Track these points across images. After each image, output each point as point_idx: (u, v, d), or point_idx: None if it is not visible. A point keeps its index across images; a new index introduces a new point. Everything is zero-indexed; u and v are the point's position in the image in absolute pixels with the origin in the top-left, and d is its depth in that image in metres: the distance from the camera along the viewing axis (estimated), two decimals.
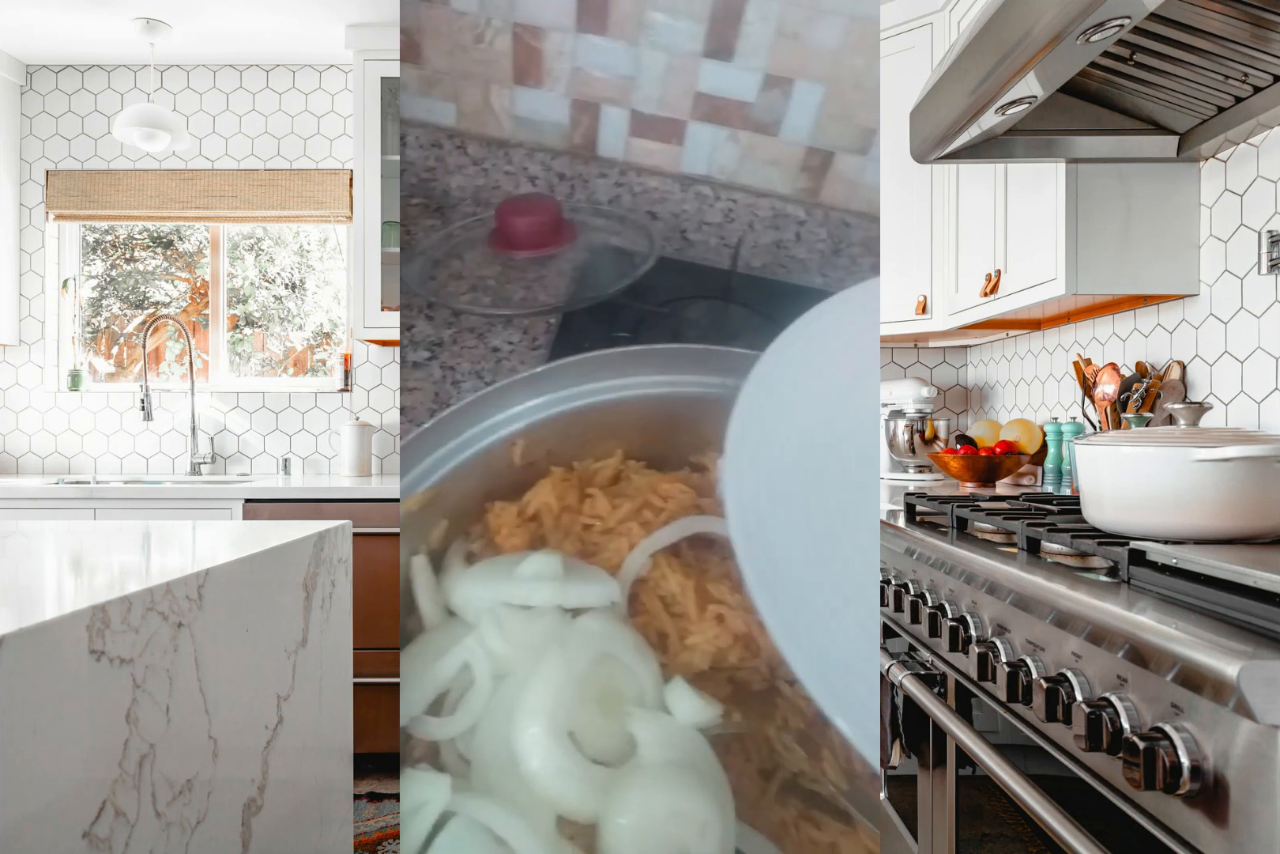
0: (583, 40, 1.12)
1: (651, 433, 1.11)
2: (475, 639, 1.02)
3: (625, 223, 1.16)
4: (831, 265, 1.15)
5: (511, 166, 1.17)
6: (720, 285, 1.15)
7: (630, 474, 1.10)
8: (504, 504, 1.09)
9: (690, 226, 1.17)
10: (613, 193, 1.16)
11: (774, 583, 0.97)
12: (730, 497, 1.01)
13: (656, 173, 1.16)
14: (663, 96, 1.14)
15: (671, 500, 1.07)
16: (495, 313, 1.14)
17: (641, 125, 1.15)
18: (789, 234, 1.16)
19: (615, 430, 1.11)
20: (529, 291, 1.15)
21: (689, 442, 1.10)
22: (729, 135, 1.14)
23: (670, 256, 1.15)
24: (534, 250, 1.15)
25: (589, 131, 1.16)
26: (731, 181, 1.17)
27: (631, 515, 1.06)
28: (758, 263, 1.16)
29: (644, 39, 1.10)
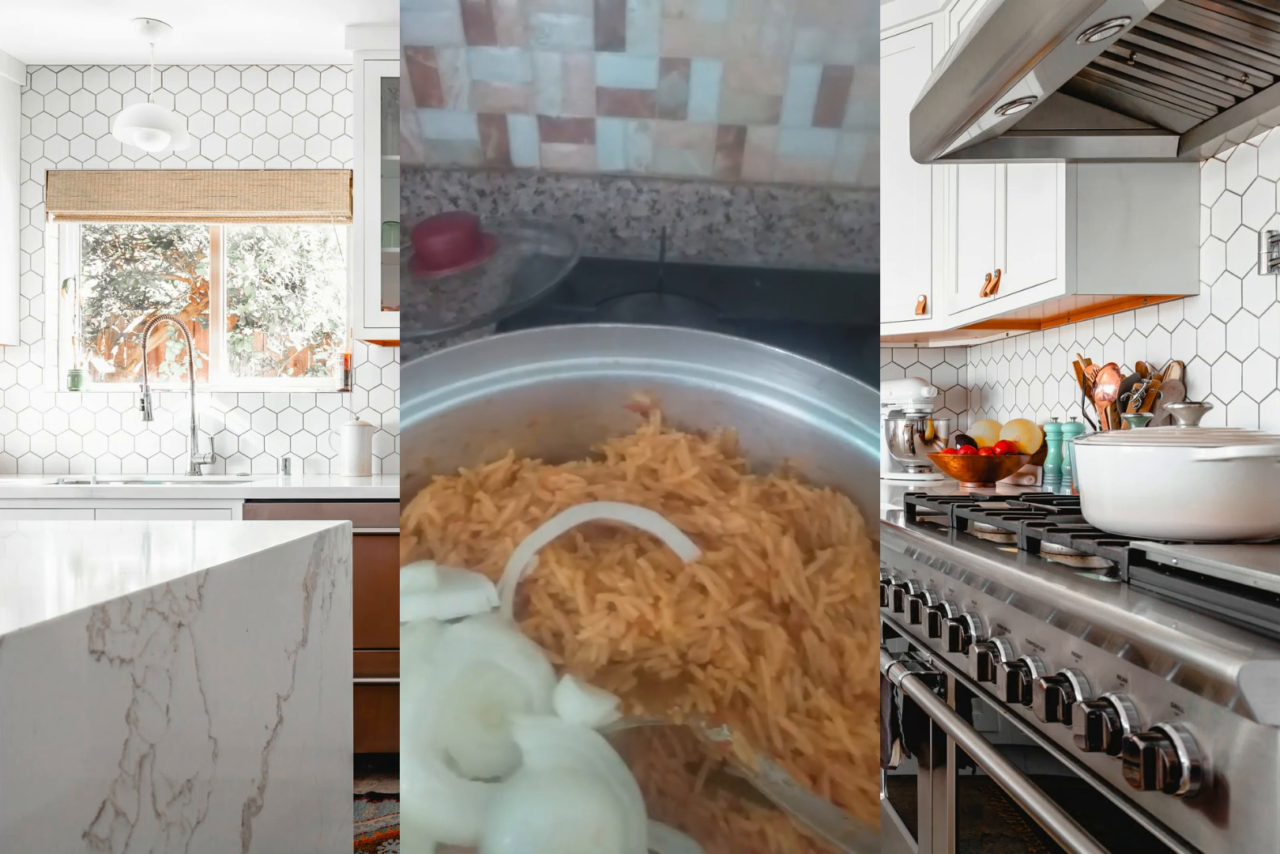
0: (475, 53, 1.10)
1: (540, 427, 1.06)
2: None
3: (552, 230, 1.15)
4: (766, 241, 1.14)
5: (430, 190, 1.17)
6: (652, 278, 1.14)
7: (525, 473, 1.03)
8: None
9: (619, 224, 1.16)
10: (535, 201, 1.15)
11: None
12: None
13: (575, 175, 1.15)
14: (565, 97, 1.12)
15: (560, 492, 1.00)
16: (425, 334, 1.13)
17: (550, 129, 1.13)
18: (718, 216, 1.15)
19: (500, 429, 1.05)
20: (460, 311, 1.13)
21: (582, 431, 1.05)
22: (639, 126, 1.13)
23: (600, 256, 1.14)
24: (453, 267, 1.14)
25: (500, 143, 1.15)
26: (651, 172, 1.15)
27: (517, 514, 1.00)
28: (692, 250, 1.15)
29: (534, 42, 1.09)
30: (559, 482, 1.01)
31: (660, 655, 0.95)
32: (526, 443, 1.06)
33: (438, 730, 0.91)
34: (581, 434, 1.05)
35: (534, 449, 1.05)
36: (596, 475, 1.02)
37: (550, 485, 1.01)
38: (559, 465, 1.04)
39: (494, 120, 1.14)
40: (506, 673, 0.93)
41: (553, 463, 1.04)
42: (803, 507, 1.03)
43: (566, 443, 1.05)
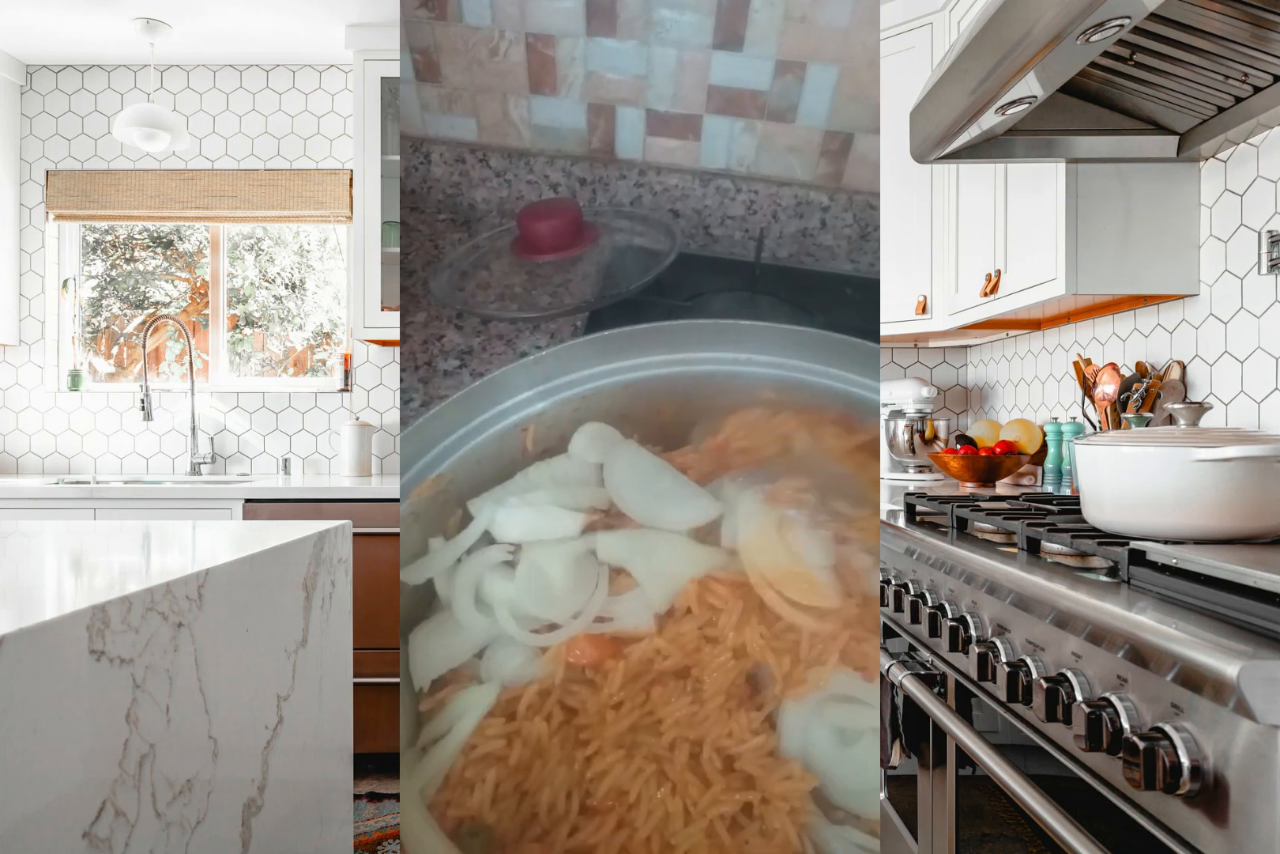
0: (594, 44, 1.12)
1: (666, 415, 1.10)
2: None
3: (648, 222, 1.17)
4: (860, 250, 1.14)
5: (533, 175, 1.18)
6: (745, 277, 1.15)
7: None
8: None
9: (713, 222, 1.17)
10: (634, 194, 1.17)
11: None
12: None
13: (676, 170, 1.16)
14: (676, 93, 1.14)
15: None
16: (522, 317, 1.15)
17: (657, 124, 1.15)
18: (814, 222, 1.16)
19: (629, 414, 1.10)
20: (555, 296, 1.15)
21: (701, 422, 1.10)
22: (745, 126, 1.14)
23: (694, 253, 1.15)
24: (556, 253, 1.15)
25: (606, 134, 1.16)
26: (751, 173, 1.16)
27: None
28: (784, 253, 1.16)
29: (653, 37, 1.10)
30: (685, 462, 1.09)
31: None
32: (650, 429, 1.10)
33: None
34: (698, 426, 1.11)
35: (656, 436, 1.11)
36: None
37: (677, 464, 1.09)
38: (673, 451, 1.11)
39: (603, 111, 1.16)
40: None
41: (669, 450, 1.11)
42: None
43: (684, 433, 1.11)
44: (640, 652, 1.05)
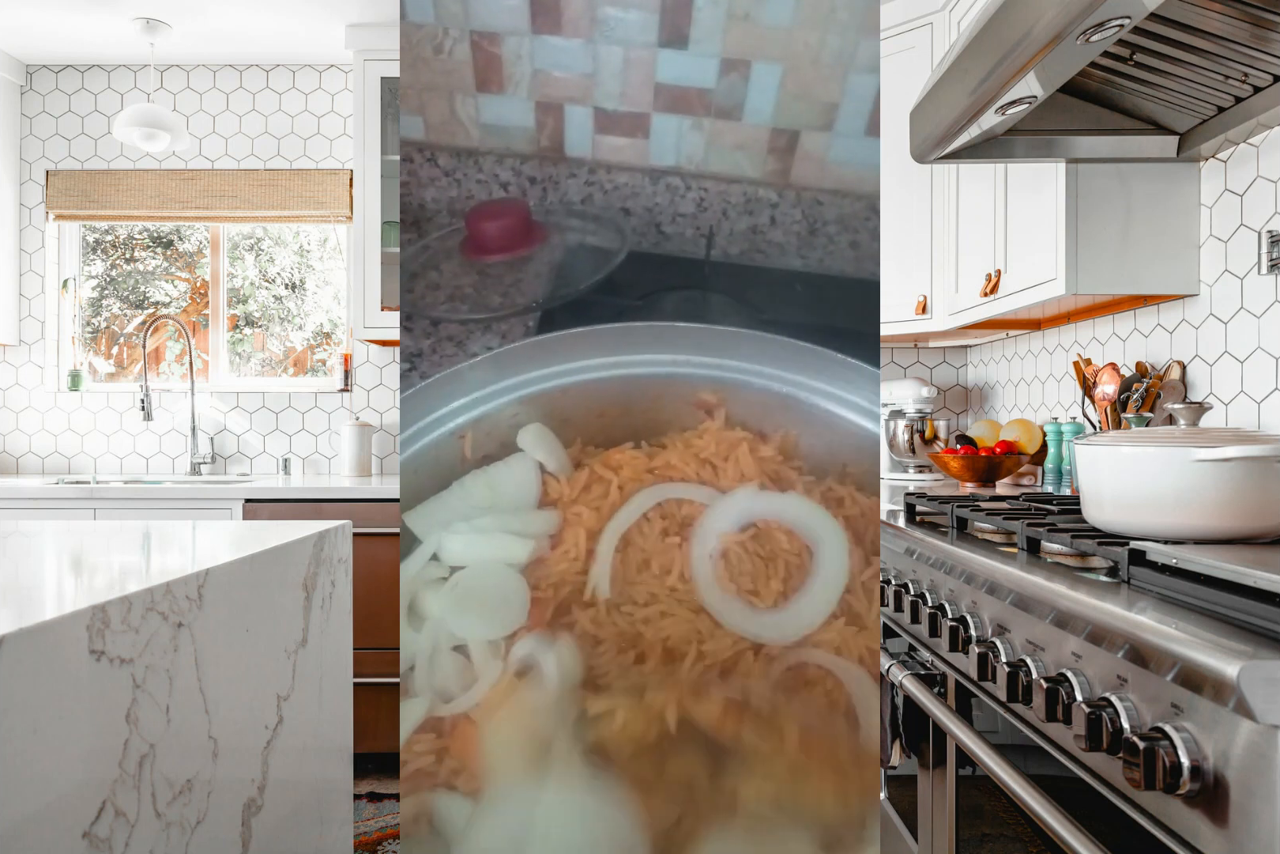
0: (540, 42, 1.11)
1: (608, 418, 1.09)
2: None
3: (599, 221, 1.16)
4: (809, 245, 1.14)
5: (483, 174, 1.17)
6: (696, 275, 1.14)
7: (587, 459, 1.09)
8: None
9: (664, 219, 1.17)
10: (584, 192, 1.16)
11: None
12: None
13: (625, 168, 1.16)
14: (624, 91, 1.13)
15: (623, 470, 1.06)
16: (473, 318, 1.14)
17: (606, 122, 1.14)
18: (763, 218, 1.16)
19: (571, 418, 1.09)
20: (505, 296, 1.14)
21: (647, 425, 1.08)
22: (693, 124, 1.14)
23: (646, 250, 1.14)
24: (505, 253, 1.14)
25: (555, 133, 1.15)
26: (701, 170, 1.16)
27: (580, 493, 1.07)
28: (735, 250, 1.15)
29: (599, 35, 1.09)
30: (621, 459, 1.05)
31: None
32: (593, 432, 1.09)
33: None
34: (645, 428, 1.08)
35: (599, 439, 1.09)
36: (654, 460, 1.06)
37: (612, 463, 1.05)
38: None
39: (551, 109, 1.15)
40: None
41: (607, 449, 1.09)
42: (859, 512, 1.06)
43: (629, 435, 1.08)
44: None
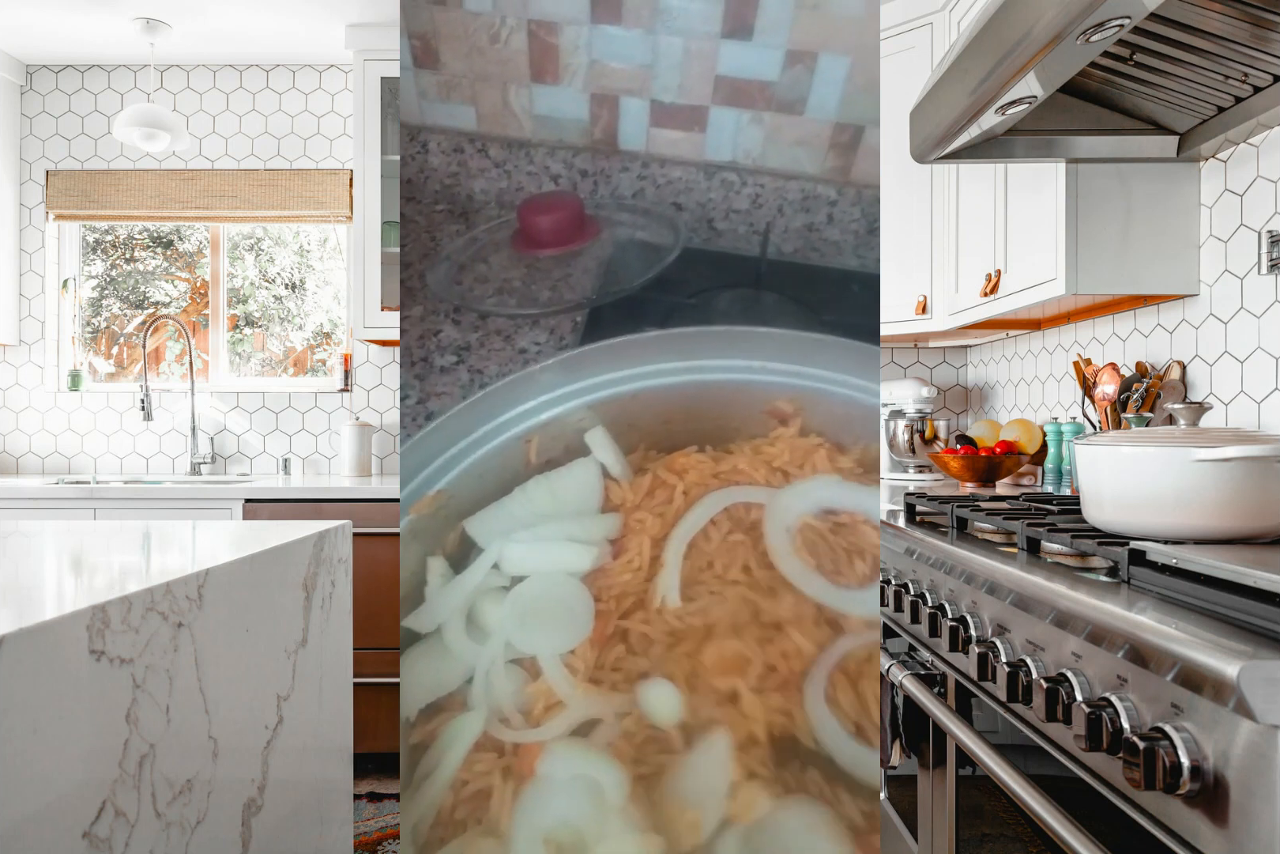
0: (598, 32, 1.09)
1: (674, 424, 1.07)
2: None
3: (650, 216, 1.14)
4: (867, 245, 1.12)
5: (533, 166, 1.15)
6: (750, 273, 1.12)
7: (648, 464, 1.06)
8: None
9: (717, 215, 1.15)
10: (636, 186, 1.14)
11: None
12: None
13: (680, 162, 1.14)
14: (682, 83, 1.11)
15: (689, 473, 1.04)
16: (521, 313, 1.12)
17: (662, 115, 1.12)
18: (820, 216, 1.14)
19: (637, 423, 1.07)
20: (555, 291, 1.13)
21: (714, 431, 1.06)
22: (752, 118, 1.12)
23: (697, 247, 1.13)
24: (557, 248, 1.13)
25: (609, 125, 1.13)
26: (758, 166, 1.14)
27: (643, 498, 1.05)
28: (789, 248, 1.13)
29: (660, 25, 1.07)
30: (686, 463, 1.03)
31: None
32: (658, 437, 1.07)
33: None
34: (713, 434, 1.06)
35: (663, 444, 1.06)
36: (720, 465, 1.04)
37: (676, 468, 1.03)
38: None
39: (606, 101, 1.13)
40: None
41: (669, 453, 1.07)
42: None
43: (694, 440, 1.06)
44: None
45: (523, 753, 0.98)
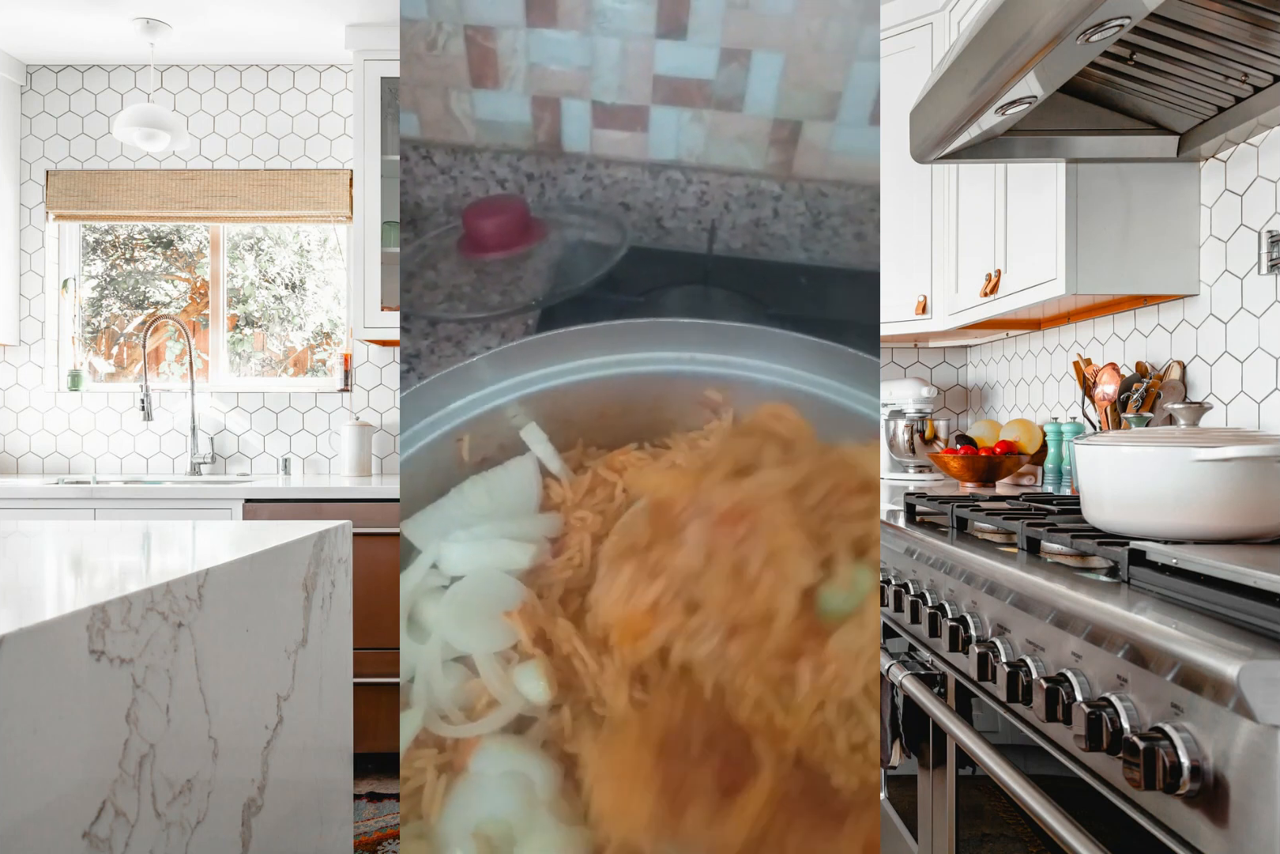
0: (535, 35, 1.08)
1: (610, 418, 1.05)
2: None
3: (599, 217, 1.14)
4: (813, 238, 1.12)
5: (479, 171, 1.15)
6: (698, 270, 1.12)
7: (588, 461, 1.05)
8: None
9: (665, 214, 1.15)
10: (583, 187, 1.14)
11: None
12: None
13: (625, 162, 1.14)
14: (622, 83, 1.10)
15: (626, 471, 1.02)
16: (471, 317, 1.11)
17: (604, 116, 1.12)
18: (766, 211, 1.14)
19: (572, 418, 1.05)
20: (505, 294, 1.12)
21: (649, 425, 1.04)
22: (693, 116, 1.12)
23: (646, 246, 1.12)
24: (503, 251, 1.13)
25: (552, 128, 1.13)
26: (702, 163, 1.14)
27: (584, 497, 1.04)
28: (737, 244, 1.14)
29: (595, 27, 1.06)
30: (625, 461, 1.02)
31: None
32: (594, 433, 1.06)
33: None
34: (648, 428, 1.05)
35: (601, 439, 1.05)
36: (659, 461, 1.03)
37: (615, 466, 1.02)
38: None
39: (548, 104, 1.13)
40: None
41: (610, 450, 1.06)
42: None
43: (631, 435, 1.05)
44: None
45: (460, 748, 0.99)
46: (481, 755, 0.97)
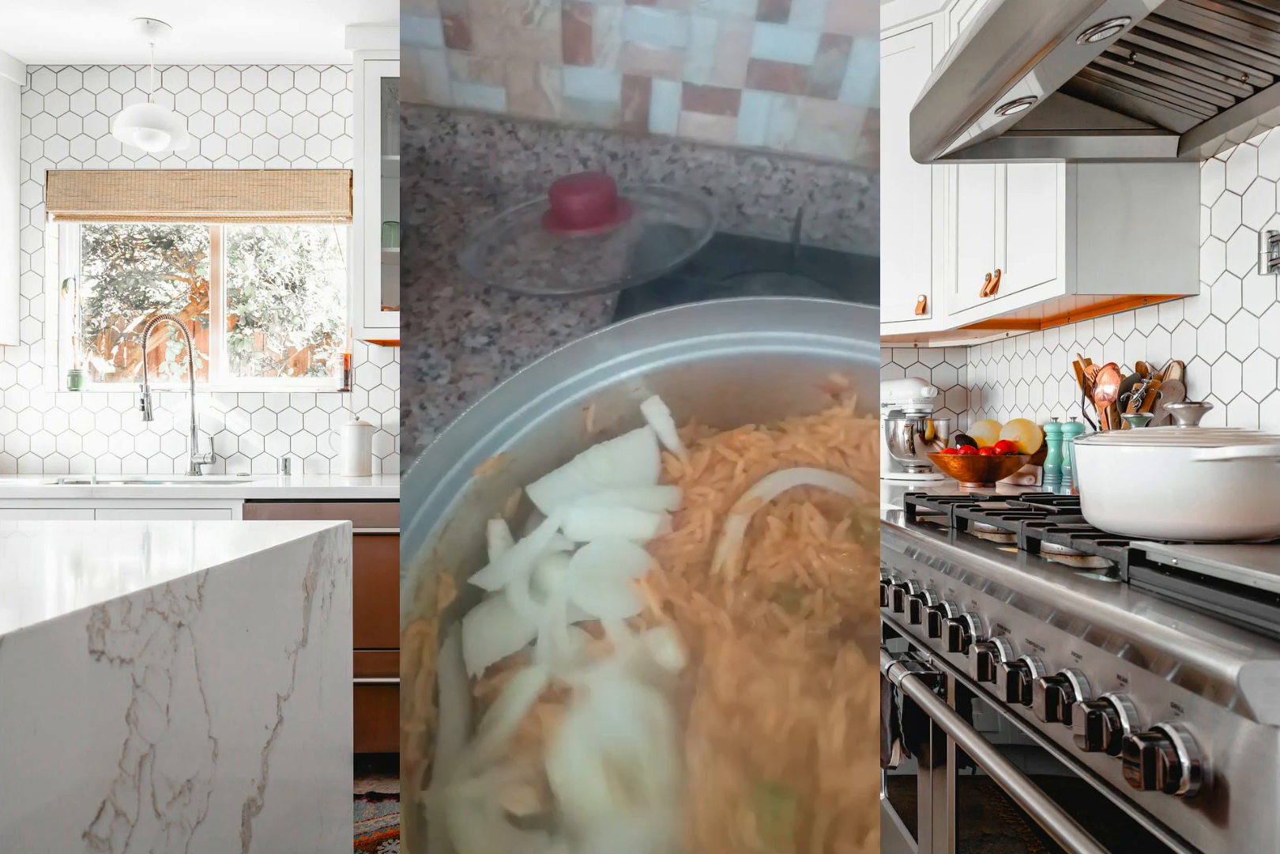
0: (632, 12, 1.06)
1: (726, 397, 1.04)
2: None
3: (680, 199, 1.12)
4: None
5: (563, 149, 1.13)
6: (782, 258, 1.10)
7: (701, 439, 1.05)
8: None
9: (747, 200, 1.13)
10: (666, 170, 1.12)
11: None
12: None
13: (711, 146, 1.12)
14: (715, 66, 1.08)
15: (750, 450, 1.02)
16: (551, 293, 1.10)
17: (694, 98, 1.10)
18: (851, 203, 1.12)
19: (690, 395, 1.05)
20: (584, 273, 1.11)
21: (765, 406, 1.03)
22: (786, 102, 1.09)
23: (727, 232, 1.11)
24: (588, 229, 1.11)
25: (640, 108, 1.11)
26: (789, 151, 1.12)
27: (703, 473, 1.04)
28: (819, 235, 1.12)
29: (694, 6, 1.04)
30: (746, 441, 1.02)
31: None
32: (708, 411, 1.05)
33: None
34: (763, 409, 1.04)
35: (714, 418, 1.05)
36: (779, 443, 1.03)
37: (735, 445, 1.02)
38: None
39: (638, 83, 1.11)
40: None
41: (723, 430, 1.05)
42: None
43: (745, 415, 1.04)
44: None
45: (578, 693, 1.01)
46: (603, 694, 1.00)
